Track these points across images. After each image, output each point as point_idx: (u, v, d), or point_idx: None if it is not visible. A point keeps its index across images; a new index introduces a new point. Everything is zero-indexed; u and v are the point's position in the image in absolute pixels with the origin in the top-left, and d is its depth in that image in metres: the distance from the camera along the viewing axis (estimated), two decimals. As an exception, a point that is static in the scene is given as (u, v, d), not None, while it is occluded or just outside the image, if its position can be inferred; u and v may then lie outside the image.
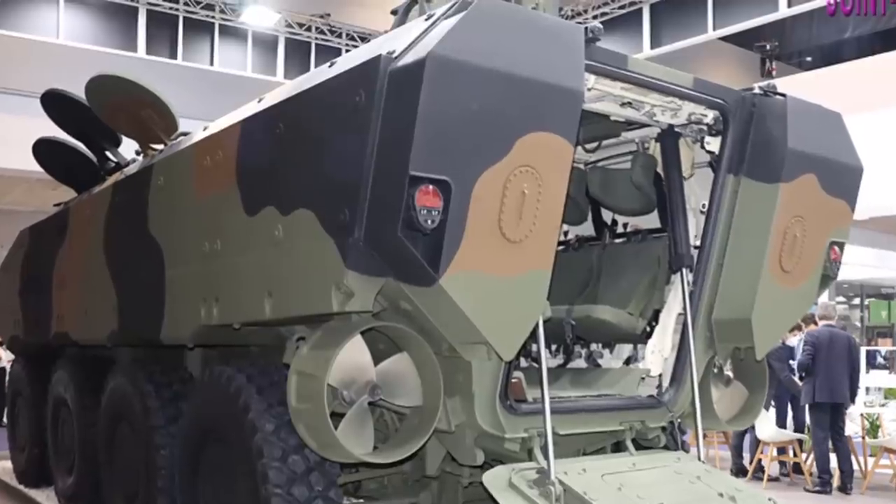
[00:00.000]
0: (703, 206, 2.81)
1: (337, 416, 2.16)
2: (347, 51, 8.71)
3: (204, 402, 2.70)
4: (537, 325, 2.18)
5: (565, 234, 3.35)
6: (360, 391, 2.16)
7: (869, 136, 4.80)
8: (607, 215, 3.30)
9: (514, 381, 2.30)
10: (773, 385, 5.33)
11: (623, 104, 2.61)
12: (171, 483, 2.88)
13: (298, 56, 12.99)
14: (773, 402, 5.95)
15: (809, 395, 5.45)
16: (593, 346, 3.08)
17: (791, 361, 5.85)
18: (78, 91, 4.00)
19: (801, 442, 5.90)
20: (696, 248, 2.78)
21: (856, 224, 3.12)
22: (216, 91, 9.72)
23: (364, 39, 11.71)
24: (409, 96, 1.90)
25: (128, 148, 4.08)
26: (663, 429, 2.73)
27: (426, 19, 2.09)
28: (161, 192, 3.03)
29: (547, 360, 2.30)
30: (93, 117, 3.92)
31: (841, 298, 13.28)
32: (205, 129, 2.93)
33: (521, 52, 1.99)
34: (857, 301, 13.84)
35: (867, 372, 7.31)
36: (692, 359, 2.67)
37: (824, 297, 5.66)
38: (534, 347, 2.63)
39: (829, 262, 2.83)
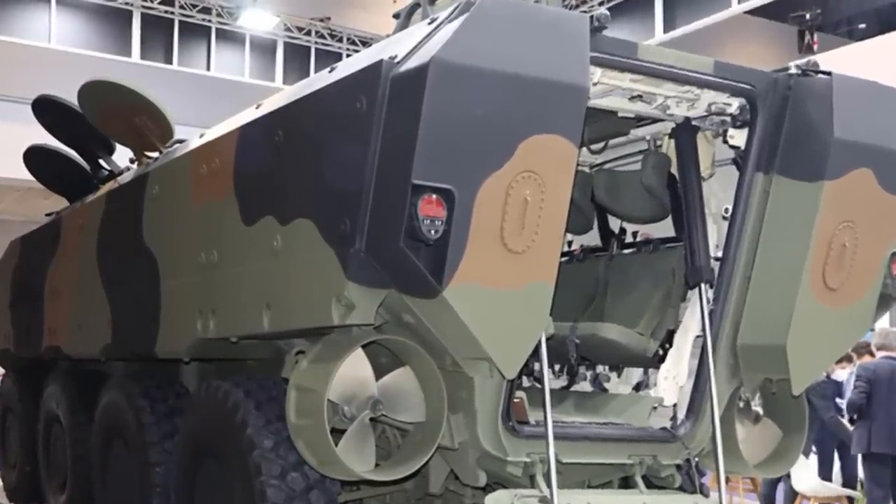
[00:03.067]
0: (726, 210, 2.47)
1: (337, 433, 2.11)
2: (348, 55, 8.73)
3: (200, 417, 2.64)
4: (540, 342, 2.07)
5: (569, 243, 3.08)
6: (362, 406, 2.11)
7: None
8: (615, 223, 3.02)
9: (515, 400, 2.20)
10: (814, 427, 4.32)
11: (632, 98, 2.35)
12: (167, 501, 2.83)
13: (298, 61, 12.97)
14: (814, 448, 4.95)
15: (864, 443, 4.40)
16: (599, 368, 2.81)
17: (838, 399, 4.92)
18: (70, 97, 3.95)
19: (851, 500, 4.91)
20: (716, 259, 2.44)
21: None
22: (213, 97, 9.68)
23: (365, 44, 11.67)
24: (412, 103, 1.85)
25: (122, 156, 4.03)
26: (678, 467, 2.41)
27: (429, 23, 2.04)
28: (156, 202, 2.98)
29: (550, 381, 2.18)
30: (86, 124, 3.88)
31: None
32: (201, 136, 2.88)
33: (524, 51, 1.91)
34: (925, 328, 11.72)
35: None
36: (712, 389, 2.31)
37: (884, 322, 4.70)
38: (536, 366, 2.40)
39: (891, 277, 2.38)
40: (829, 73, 2.32)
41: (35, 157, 4.52)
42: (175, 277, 2.80)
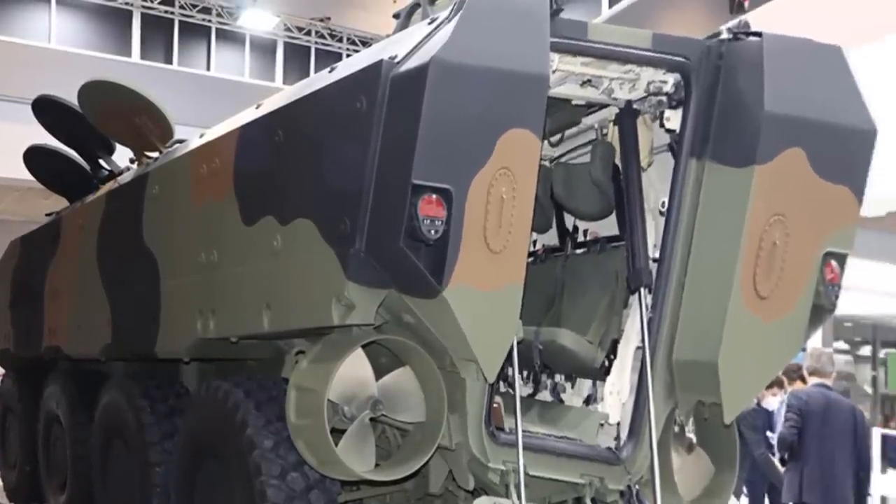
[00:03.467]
0: (663, 204, 2.15)
1: (337, 433, 2.10)
2: (348, 55, 8.68)
3: (200, 417, 2.64)
4: (512, 346, 1.98)
5: (533, 243, 2.80)
6: (362, 406, 2.11)
7: (880, 75, 2.77)
8: (570, 220, 2.75)
9: (494, 405, 2.14)
10: (745, 463, 3.63)
11: (583, 83, 2.16)
12: (167, 501, 2.83)
13: (298, 61, 12.97)
14: (744, 489, 4.18)
15: (794, 491, 3.59)
16: (558, 377, 2.58)
17: (769, 433, 4.06)
18: (70, 97, 3.95)
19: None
20: (654, 260, 2.15)
21: (864, 224, 2.13)
22: (213, 97, 9.66)
23: (365, 44, 11.65)
24: (412, 103, 1.85)
25: (122, 156, 4.03)
26: (622, 494, 2.13)
27: (429, 23, 2.04)
28: (156, 202, 2.98)
29: (520, 388, 2.08)
30: (86, 124, 3.88)
31: (842, 345, 7.53)
32: (201, 136, 2.88)
33: (506, 45, 1.88)
34: (867, 351, 7.91)
35: (883, 471, 4.39)
36: (651, 409, 2.03)
37: (816, 341, 3.89)
38: (509, 371, 2.27)
39: (824, 284, 1.97)
40: (759, 35, 1.97)
41: (35, 157, 4.52)
42: (175, 277, 2.80)
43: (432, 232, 1.85)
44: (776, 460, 3.97)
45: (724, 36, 2.04)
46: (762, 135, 1.89)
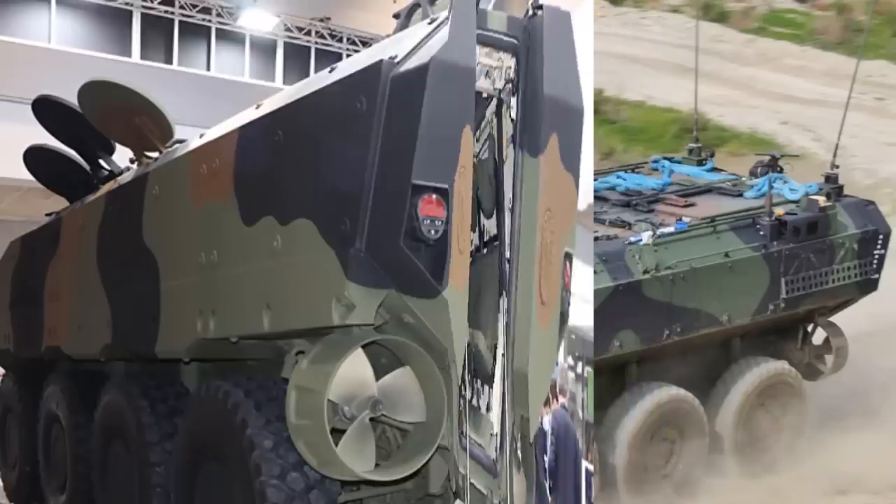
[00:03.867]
0: (510, 200, 2.04)
1: (337, 433, 2.11)
2: (348, 55, 8.69)
3: (200, 417, 2.65)
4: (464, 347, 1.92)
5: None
6: (362, 406, 2.12)
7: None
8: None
9: (460, 409, 2.11)
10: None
11: (486, 74, 2.06)
12: (167, 501, 2.83)
13: (297, 61, 12.99)
14: None
15: None
16: (477, 382, 2.34)
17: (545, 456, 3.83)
18: (70, 97, 3.95)
19: None
20: (508, 261, 2.04)
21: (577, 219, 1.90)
22: (213, 97, 9.68)
23: (365, 44, 11.70)
24: (412, 103, 1.86)
25: (122, 156, 4.03)
26: None
27: (429, 23, 2.05)
28: (156, 202, 2.99)
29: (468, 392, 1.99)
30: (86, 124, 3.89)
31: (570, 360, 3.55)
32: (201, 136, 2.89)
33: (469, 42, 1.87)
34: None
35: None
36: (505, 421, 1.97)
37: (560, 355, 3.64)
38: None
39: (565, 289, 1.89)
40: (540, 8, 1.91)
41: (35, 157, 4.53)
42: (175, 277, 2.80)
43: (432, 232, 1.86)
44: (548, 486, 3.59)
45: (530, 12, 1.95)
46: (544, 121, 1.82)
